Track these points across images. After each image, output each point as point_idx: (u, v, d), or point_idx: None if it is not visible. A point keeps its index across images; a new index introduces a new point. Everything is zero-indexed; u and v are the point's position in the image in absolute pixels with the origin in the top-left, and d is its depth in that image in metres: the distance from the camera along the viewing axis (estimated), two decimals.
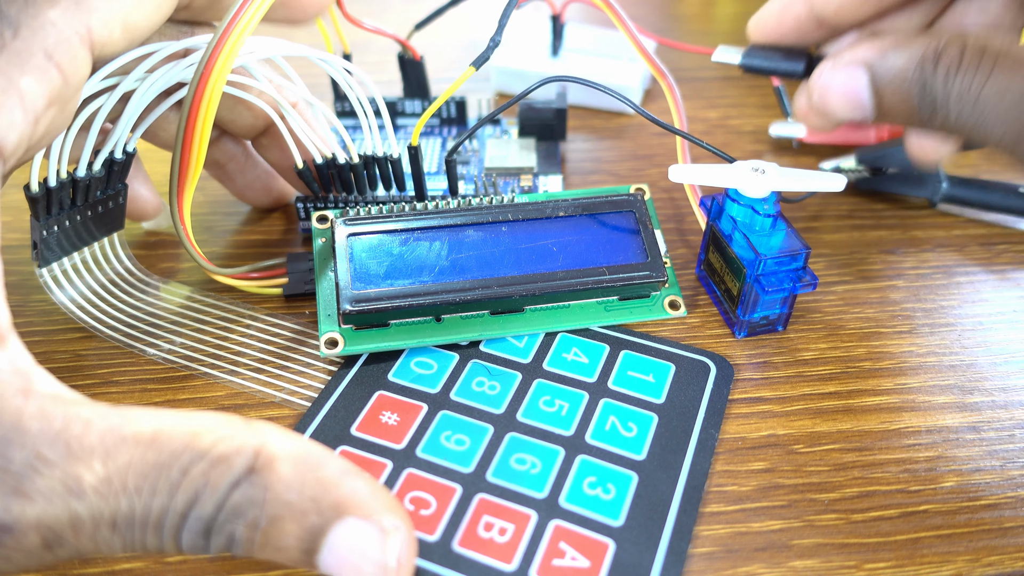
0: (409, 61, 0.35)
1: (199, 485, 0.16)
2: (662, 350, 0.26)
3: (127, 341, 0.26)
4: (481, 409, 0.24)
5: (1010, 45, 0.22)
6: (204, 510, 0.16)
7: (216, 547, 0.17)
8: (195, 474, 0.16)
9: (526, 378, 0.25)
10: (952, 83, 0.22)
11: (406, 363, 0.25)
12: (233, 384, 0.25)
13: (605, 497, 0.21)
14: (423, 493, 0.21)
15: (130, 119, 0.24)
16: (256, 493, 0.17)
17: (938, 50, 0.22)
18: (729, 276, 0.26)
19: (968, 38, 0.22)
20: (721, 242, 0.26)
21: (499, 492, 0.22)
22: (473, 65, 0.26)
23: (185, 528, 0.17)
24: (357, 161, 0.28)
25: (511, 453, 0.23)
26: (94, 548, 0.17)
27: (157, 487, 0.16)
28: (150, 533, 0.17)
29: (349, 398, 0.24)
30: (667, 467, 0.22)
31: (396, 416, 0.23)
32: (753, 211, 0.25)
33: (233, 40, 0.23)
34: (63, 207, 0.24)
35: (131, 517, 0.16)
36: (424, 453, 0.22)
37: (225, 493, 0.17)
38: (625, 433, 0.23)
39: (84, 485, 0.16)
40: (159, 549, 0.17)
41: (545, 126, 0.35)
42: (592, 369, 0.25)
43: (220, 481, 0.17)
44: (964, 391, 0.25)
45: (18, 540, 0.16)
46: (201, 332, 0.26)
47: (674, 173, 0.26)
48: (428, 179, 0.33)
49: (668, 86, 0.29)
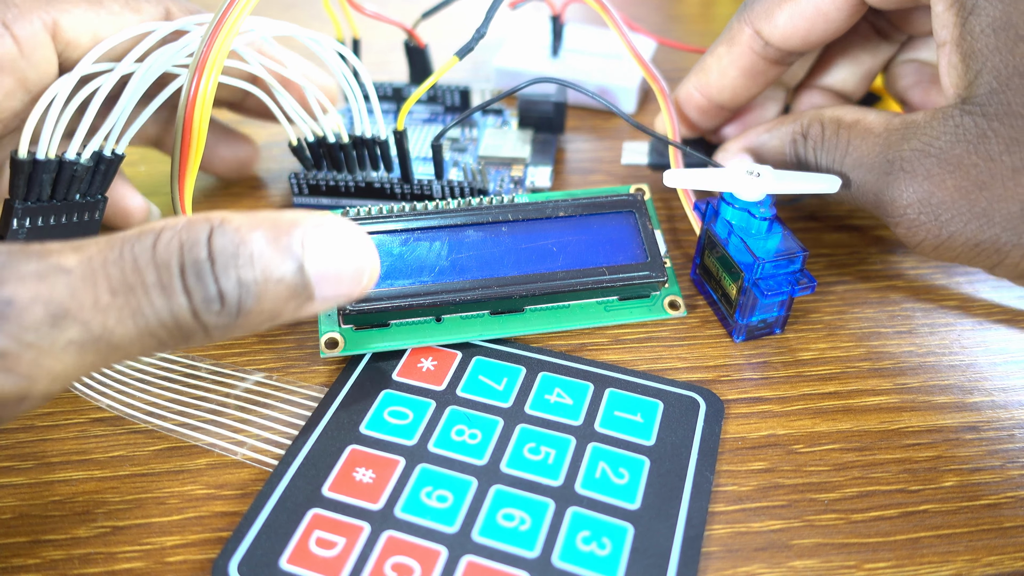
0: (414, 49, 0.36)
1: (182, 239, 0.18)
2: (648, 387, 0.25)
3: None
4: (463, 461, 0.22)
5: (861, 114, 0.26)
6: (198, 254, 0.18)
7: (230, 295, 0.18)
8: (168, 235, 0.18)
9: (508, 424, 0.23)
10: (820, 157, 0.26)
11: (379, 413, 0.23)
12: (186, 437, 0.23)
13: (600, 553, 0.20)
14: (405, 558, 0.20)
15: (128, 104, 0.24)
16: (233, 236, 0.18)
17: (804, 128, 0.27)
18: (726, 280, 0.26)
19: (824, 114, 0.27)
20: (717, 246, 0.26)
21: (488, 553, 0.20)
22: (457, 55, 0.26)
23: (188, 276, 0.18)
24: (347, 141, 0.29)
25: (498, 508, 0.21)
26: (103, 322, 0.17)
27: (136, 249, 0.18)
28: (154, 294, 0.17)
29: (319, 454, 0.22)
30: (663, 516, 0.21)
31: (371, 472, 0.22)
32: (749, 214, 0.25)
33: (228, 27, 0.23)
34: (42, 197, 0.24)
35: (123, 279, 0.17)
36: (404, 513, 0.21)
37: (206, 240, 0.18)
38: (616, 480, 0.22)
39: (67, 264, 0.17)
40: (173, 318, 0.18)
41: (544, 118, 0.35)
42: (577, 411, 0.24)
43: (197, 234, 0.18)
44: (964, 391, 0.25)
45: (21, 314, 0.16)
46: (161, 381, 0.25)
47: (669, 178, 0.26)
48: (422, 164, 0.33)
49: (660, 90, 0.29)
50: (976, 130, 0.22)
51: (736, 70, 0.28)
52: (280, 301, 0.19)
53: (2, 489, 0.22)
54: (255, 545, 0.20)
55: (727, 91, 0.29)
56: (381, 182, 0.31)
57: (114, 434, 0.24)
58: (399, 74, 0.41)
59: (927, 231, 0.23)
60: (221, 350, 0.26)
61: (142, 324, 0.18)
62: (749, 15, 0.27)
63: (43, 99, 0.23)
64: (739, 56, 0.28)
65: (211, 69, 0.23)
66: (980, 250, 0.23)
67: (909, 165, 0.23)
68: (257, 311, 0.19)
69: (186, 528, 0.21)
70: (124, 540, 0.21)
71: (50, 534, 0.21)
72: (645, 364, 0.26)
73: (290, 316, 0.19)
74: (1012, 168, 0.21)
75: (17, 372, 0.16)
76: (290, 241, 0.18)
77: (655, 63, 0.41)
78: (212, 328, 0.18)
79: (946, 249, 0.23)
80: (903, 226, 0.24)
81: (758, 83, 0.29)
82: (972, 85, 0.22)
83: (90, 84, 0.24)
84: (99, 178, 0.25)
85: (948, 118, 0.23)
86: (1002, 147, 0.22)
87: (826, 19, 0.26)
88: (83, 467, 0.23)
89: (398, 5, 0.45)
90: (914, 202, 0.23)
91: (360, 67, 0.29)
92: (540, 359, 0.25)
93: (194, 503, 0.22)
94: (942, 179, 0.22)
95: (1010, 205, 0.22)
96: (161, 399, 0.24)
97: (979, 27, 0.22)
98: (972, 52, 0.22)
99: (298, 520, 0.21)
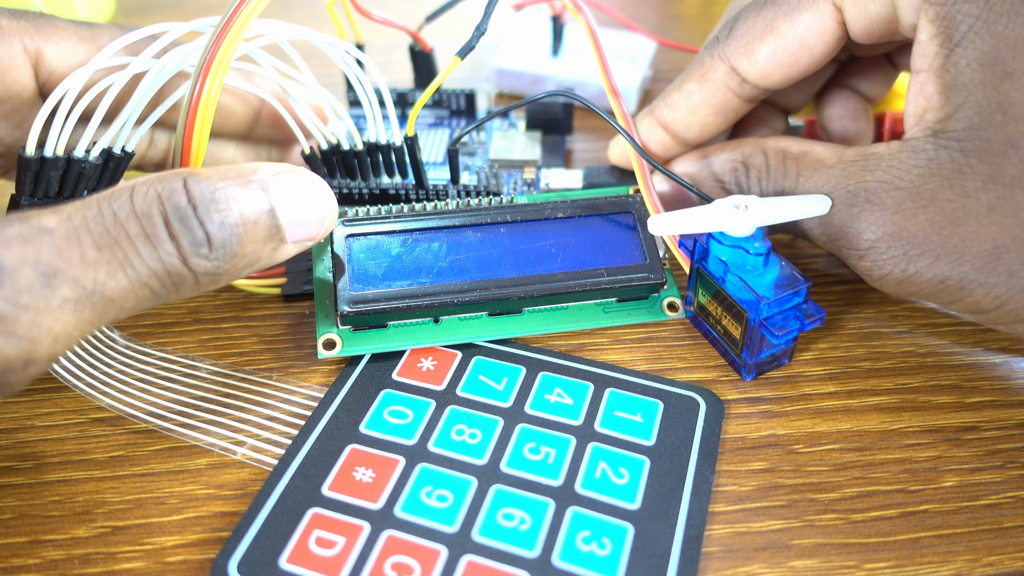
0: (419, 53, 0.36)
1: (158, 190, 0.19)
2: (648, 387, 0.24)
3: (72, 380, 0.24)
4: (463, 460, 0.22)
5: (808, 146, 0.25)
6: (178, 201, 0.19)
7: (217, 237, 0.19)
8: (143, 188, 0.19)
9: (508, 423, 0.23)
10: (766, 187, 0.26)
11: (379, 413, 0.23)
12: (186, 437, 0.23)
13: (601, 553, 0.20)
14: (405, 558, 0.20)
15: (140, 102, 0.24)
16: (208, 184, 0.19)
17: (744, 157, 0.26)
18: (728, 320, 0.25)
19: (767, 144, 0.26)
20: (712, 285, 0.25)
21: (488, 553, 0.20)
22: (458, 55, 0.26)
23: (173, 223, 0.19)
24: (361, 148, 0.29)
25: (498, 508, 0.21)
26: (94, 277, 0.18)
27: (114, 204, 0.18)
28: (140, 244, 0.18)
29: (319, 453, 0.22)
30: (663, 516, 0.21)
31: (371, 472, 0.22)
32: (743, 251, 0.24)
33: (233, 33, 0.22)
34: (48, 194, 0.24)
35: (106, 234, 0.18)
36: (404, 512, 0.21)
37: (183, 189, 0.19)
38: (616, 480, 0.22)
39: (48, 224, 0.18)
40: (163, 266, 0.18)
41: (552, 120, 0.35)
42: (577, 411, 0.24)
43: (173, 183, 0.19)
44: (964, 391, 0.25)
45: (12, 276, 0.17)
46: (161, 381, 0.25)
47: (654, 225, 0.24)
48: (432, 169, 0.33)
49: (620, 107, 0.28)
50: (952, 165, 0.21)
51: (708, 108, 0.27)
52: (259, 243, 0.20)
53: (2, 489, 0.22)
54: (255, 544, 0.20)
55: (695, 129, 0.27)
56: (396, 188, 0.30)
57: (114, 434, 0.24)
58: (401, 76, 0.40)
59: (893, 265, 0.22)
60: (221, 350, 0.26)
61: (133, 275, 0.18)
62: (724, 51, 0.26)
63: (53, 96, 0.23)
64: (712, 94, 0.26)
65: (215, 75, 0.22)
66: (944, 287, 0.22)
67: (876, 197, 0.22)
68: (241, 254, 0.20)
69: (186, 528, 0.21)
70: (124, 540, 0.21)
71: (50, 534, 0.21)
72: (645, 364, 0.26)
73: (267, 260, 0.21)
74: (988, 206, 0.21)
75: (18, 335, 0.17)
76: (257, 186, 0.20)
77: (655, 63, 0.41)
78: (202, 274, 0.19)
79: (910, 284, 0.22)
80: (868, 259, 0.23)
81: (728, 120, 0.27)
82: (950, 119, 0.21)
83: (103, 81, 0.24)
84: (108, 176, 0.25)
85: (919, 152, 0.22)
86: (979, 184, 0.21)
87: (810, 53, 0.25)
88: (83, 467, 0.23)
89: (399, 8, 0.45)
90: (883, 236, 0.22)
91: (377, 73, 0.28)
92: (540, 359, 0.25)
93: (194, 503, 0.22)
94: (914, 213, 0.22)
95: (982, 243, 0.21)
96: (161, 399, 0.24)
97: (964, 60, 0.21)
98: (954, 85, 0.21)
99: (298, 519, 0.21)
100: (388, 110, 0.28)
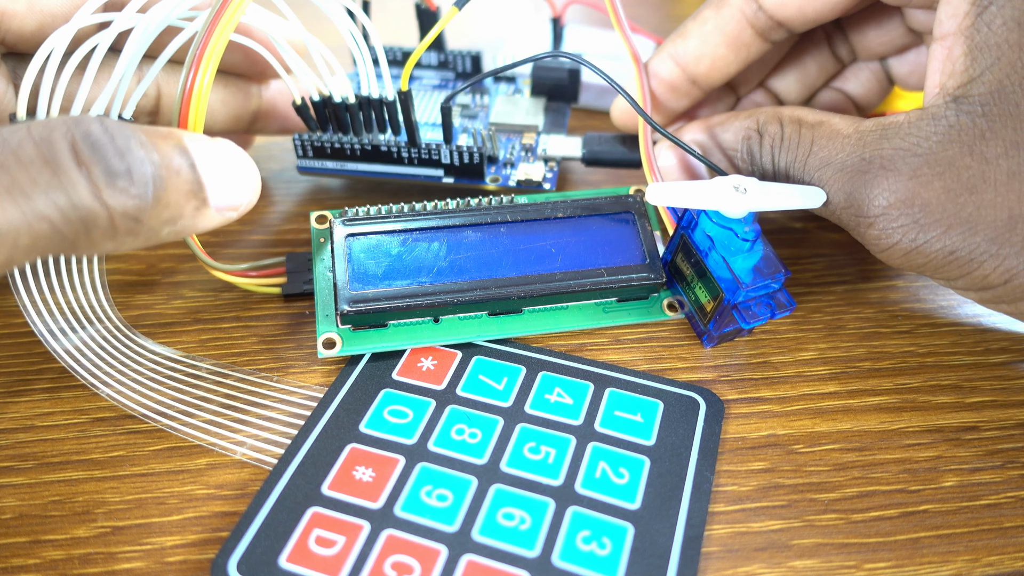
0: (425, 11, 0.36)
1: (65, 119, 0.18)
2: (648, 386, 0.24)
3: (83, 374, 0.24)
4: (463, 460, 0.22)
5: (824, 116, 0.24)
6: (89, 128, 0.17)
7: (138, 171, 0.18)
8: (43, 120, 0.17)
9: (508, 423, 0.23)
10: (779, 156, 0.25)
11: (379, 412, 0.23)
12: (186, 436, 0.23)
13: (601, 552, 0.20)
14: (405, 557, 0.20)
15: (132, 62, 0.23)
16: (124, 125, 0.18)
17: (759, 125, 0.26)
18: (701, 289, 0.25)
19: (783, 112, 0.25)
20: (693, 253, 0.25)
21: (488, 553, 0.20)
22: (456, 5, 0.26)
23: (82, 149, 0.17)
24: (353, 101, 0.28)
25: (498, 507, 0.21)
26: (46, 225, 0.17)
27: (4, 132, 0.17)
28: (36, 170, 0.17)
29: (319, 453, 0.22)
30: (663, 517, 0.21)
31: (371, 471, 0.22)
32: (733, 233, 0.24)
33: (225, 21, 0.22)
34: None
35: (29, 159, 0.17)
36: (404, 512, 0.21)
37: (98, 120, 0.18)
38: (617, 480, 0.22)
39: None
40: (67, 197, 0.17)
41: (557, 86, 0.34)
42: (577, 410, 0.24)
43: (86, 117, 0.18)
44: (964, 391, 0.25)
45: (5, 239, 0.16)
46: (161, 379, 0.24)
47: (652, 194, 0.24)
48: (431, 130, 0.33)
49: (639, 73, 0.28)
50: (974, 130, 0.21)
51: (721, 36, 0.27)
52: (181, 196, 0.19)
53: (2, 489, 0.22)
54: (254, 544, 0.20)
55: (705, 61, 0.27)
56: (388, 145, 0.30)
57: (114, 434, 0.24)
58: (410, 38, 0.40)
59: (903, 234, 0.22)
60: (221, 349, 0.26)
61: (26, 206, 0.16)
62: None
63: (38, 56, 0.22)
64: (727, 20, 0.26)
65: (207, 63, 0.22)
66: (953, 259, 0.21)
67: (891, 163, 0.22)
68: (164, 203, 0.18)
69: (186, 528, 0.21)
70: (124, 540, 0.21)
71: (50, 534, 0.21)
72: (645, 364, 0.26)
73: (189, 221, 0.20)
74: (1008, 172, 0.20)
75: None
76: (175, 142, 0.19)
77: None
78: (119, 214, 0.17)
79: (917, 255, 0.22)
80: (877, 227, 0.22)
81: (739, 58, 0.27)
82: (973, 82, 0.21)
83: (88, 41, 0.23)
84: None
85: (939, 118, 0.21)
86: (1000, 150, 0.20)
87: None
88: (83, 467, 0.23)
89: None
90: (895, 202, 0.21)
91: (369, 25, 0.28)
92: (540, 359, 0.25)
93: (194, 503, 0.22)
94: (929, 180, 0.21)
95: (998, 212, 0.20)
96: (161, 398, 0.24)
97: (1000, 19, 0.20)
98: (984, 46, 0.21)
99: (297, 519, 0.21)
100: (382, 65, 0.28)
